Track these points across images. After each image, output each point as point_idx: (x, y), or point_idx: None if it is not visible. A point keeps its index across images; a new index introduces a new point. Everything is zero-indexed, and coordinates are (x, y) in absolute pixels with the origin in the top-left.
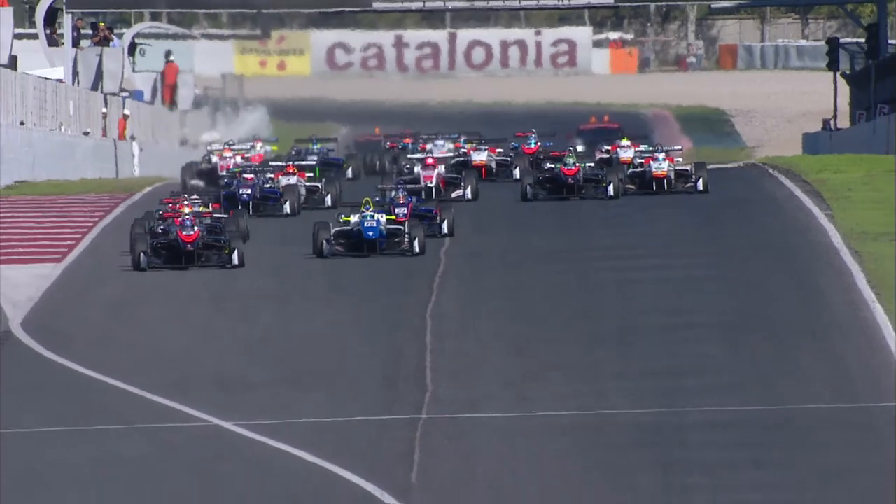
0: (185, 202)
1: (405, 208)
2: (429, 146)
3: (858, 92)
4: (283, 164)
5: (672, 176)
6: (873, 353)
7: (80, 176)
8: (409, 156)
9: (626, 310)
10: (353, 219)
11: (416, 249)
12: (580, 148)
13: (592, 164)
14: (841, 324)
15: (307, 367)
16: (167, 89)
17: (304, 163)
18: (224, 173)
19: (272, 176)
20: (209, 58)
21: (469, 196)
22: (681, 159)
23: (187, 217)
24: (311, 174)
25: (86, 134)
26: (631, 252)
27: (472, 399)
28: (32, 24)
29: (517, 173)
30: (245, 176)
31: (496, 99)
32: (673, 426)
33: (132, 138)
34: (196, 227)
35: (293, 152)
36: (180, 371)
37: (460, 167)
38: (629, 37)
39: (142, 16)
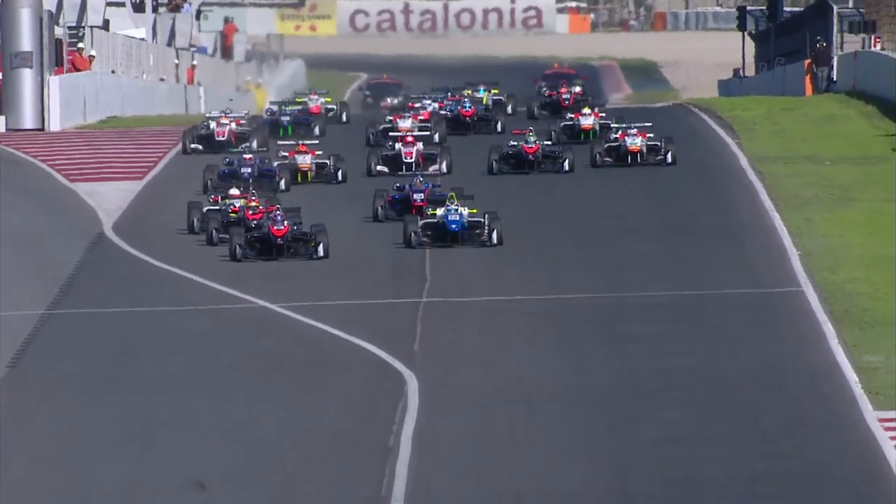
0: (251, 196)
1: (422, 193)
2: (417, 104)
3: (761, 48)
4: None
5: (644, 150)
6: (772, 250)
7: (158, 112)
8: (390, 133)
9: (581, 217)
10: (439, 212)
11: (495, 241)
12: (544, 90)
13: (551, 142)
14: (747, 227)
15: (336, 266)
16: (226, 46)
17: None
18: (221, 139)
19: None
20: (256, 22)
21: (444, 170)
22: (651, 135)
23: (278, 213)
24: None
25: (162, 80)
26: (583, 184)
27: (462, 286)
28: None
29: (499, 126)
30: (245, 156)
31: (479, 53)
32: (617, 307)
33: (198, 83)
34: (286, 222)
35: (267, 113)
36: (235, 267)
37: (452, 121)
38: (584, 5)
39: None
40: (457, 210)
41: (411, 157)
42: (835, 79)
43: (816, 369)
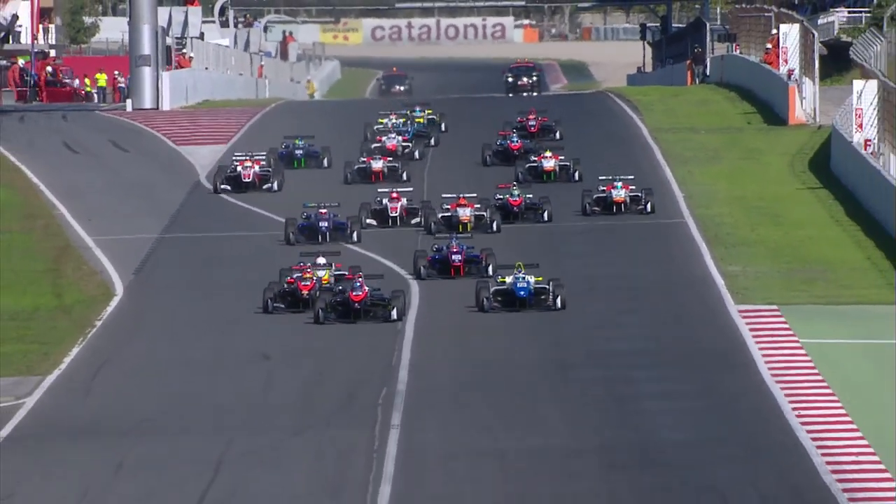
0: (309, 266)
1: (460, 255)
2: (384, 138)
3: (657, 52)
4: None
5: (628, 200)
6: (664, 193)
7: (237, 97)
8: (379, 190)
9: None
10: (508, 279)
11: (559, 305)
12: (510, 78)
13: (516, 182)
14: (648, 177)
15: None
16: (284, 50)
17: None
18: (247, 180)
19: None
20: (306, 33)
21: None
22: (633, 187)
23: (359, 279)
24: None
25: (240, 75)
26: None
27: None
28: (211, 13)
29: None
30: (321, 211)
31: (461, 56)
32: (560, 233)
33: (265, 77)
34: (365, 288)
35: (283, 147)
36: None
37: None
38: (534, 22)
39: (269, 11)
40: (524, 278)
41: (396, 212)
42: (708, 74)
43: (695, 276)
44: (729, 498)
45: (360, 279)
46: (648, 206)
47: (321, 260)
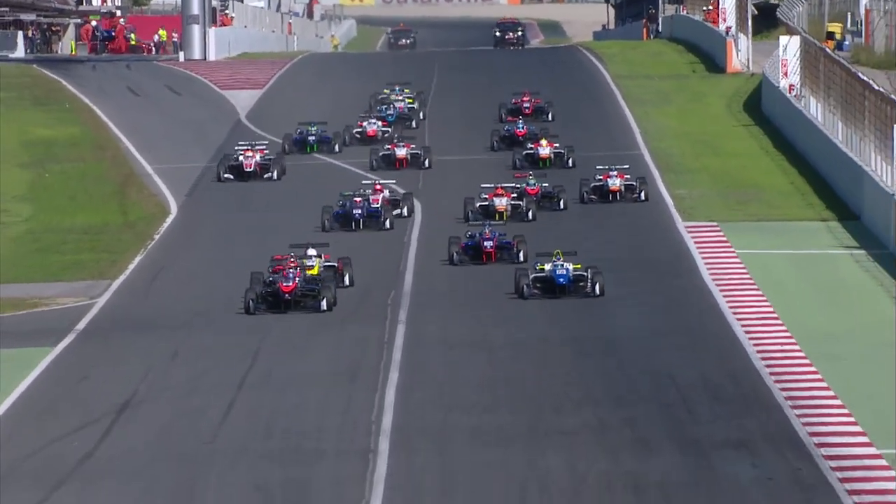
0: (292, 258)
1: (492, 241)
2: (364, 123)
3: (618, 12)
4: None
5: (623, 189)
6: (624, 129)
7: (271, 50)
8: (363, 181)
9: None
10: (547, 266)
11: (597, 292)
12: (497, 33)
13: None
14: (611, 116)
15: None
16: (310, 11)
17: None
18: (248, 170)
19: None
20: None
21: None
22: (628, 176)
23: (291, 269)
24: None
25: (273, 31)
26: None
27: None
28: None
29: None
30: (355, 199)
31: (457, 15)
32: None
33: (294, 34)
34: (296, 280)
35: (297, 133)
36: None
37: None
38: None
39: None
40: (563, 265)
41: (378, 203)
42: (660, 30)
43: (646, 211)
44: (677, 378)
45: (294, 270)
46: (643, 194)
47: (311, 251)
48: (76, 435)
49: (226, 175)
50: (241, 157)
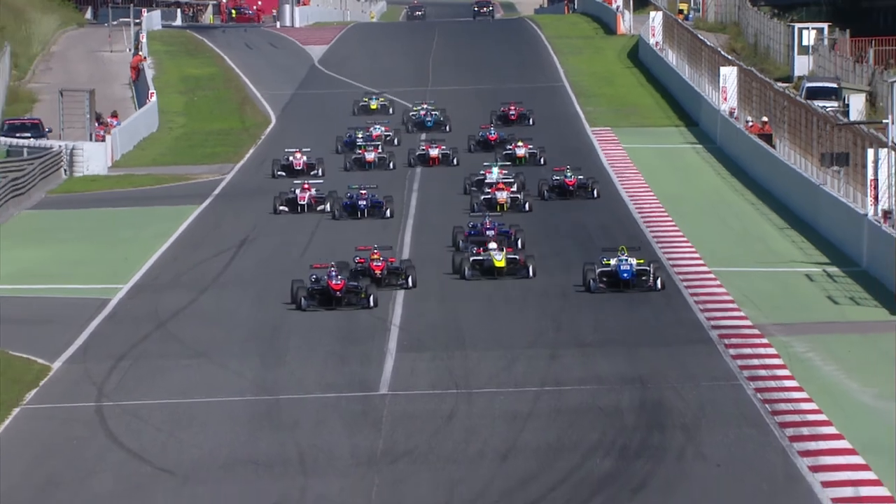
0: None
1: (493, 230)
2: (371, 129)
3: None
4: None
5: (576, 186)
6: (552, 70)
7: (333, 20)
8: (349, 185)
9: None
10: (612, 262)
11: (659, 286)
12: (475, 8)
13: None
14: (545, 64)
15: None
16: None
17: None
18: (298, 168)
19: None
20: None
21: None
22: (581, 177)
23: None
24: None
25: (335, 9)
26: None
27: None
28: None
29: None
30: (361, 191)
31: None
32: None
33: (346, 9)
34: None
35: (347, 136)
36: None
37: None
38: None
39: None
40: (627, 260)
41: (304, 201)
42: (575, 8)
43: (569, 113)
44: (587, 225)
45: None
46: (595, 191)
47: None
48: (214, 258)
49: (279, 173)
50: (290, 159)
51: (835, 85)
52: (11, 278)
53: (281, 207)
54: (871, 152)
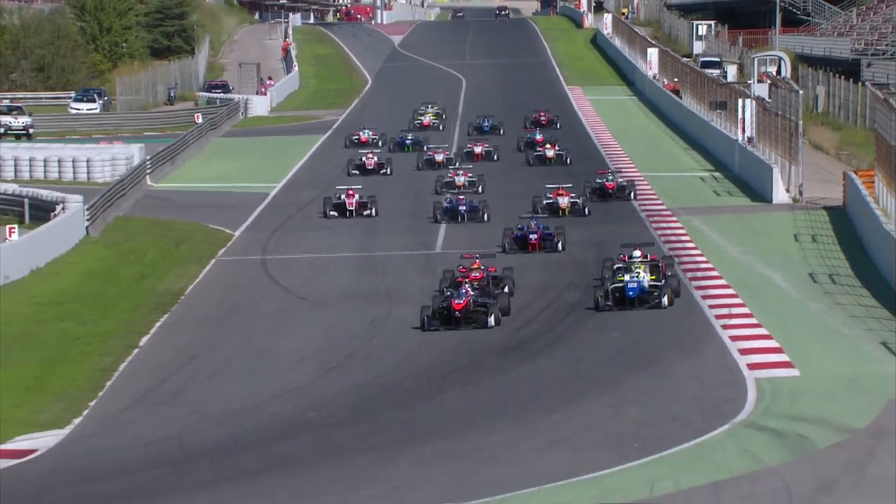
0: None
1: (536, 234)
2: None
3: (543, 3)
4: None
5: (616, 188)
6: (541, 50)
7: (407, 19)
8: (337, 186)
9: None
10: (626, 277)
11: (665, 303)
12: (497, 12)
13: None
14: (538, 48)
15: None
16: (423, 2)
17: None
18: (370, 167)
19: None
20: None
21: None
22: (621, 180)
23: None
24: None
25: (408, 11)
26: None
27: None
28: None
29: (632, 195)
30: (459, 197)
31: (484, 5)
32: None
33: (415, 14)
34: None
35: (399, 137)
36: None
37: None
38: None
39: None
40: (636, 277)
41: (352, 206)
42: (558, 11)
43: (553, 77)
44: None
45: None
46: (632, 194)
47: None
48: (332, 169)
49: (353, 171)
50: (363, 159)
51: (718, 59)
52: (210, 180)
53: (331, 213)
54: (740, 101)
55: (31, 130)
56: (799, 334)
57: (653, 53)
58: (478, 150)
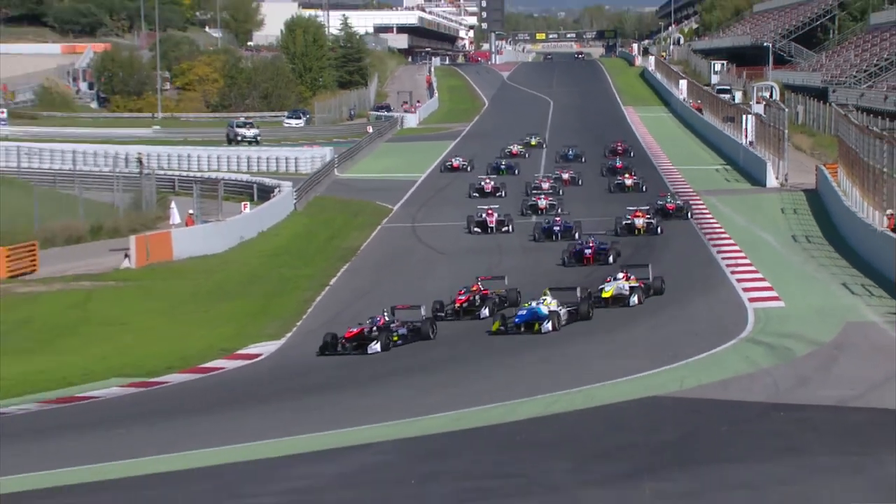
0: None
1: (590, 249)
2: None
3: (606, 50)
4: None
5: (675, 209)
6: (607, 82)
7: (512, 61)
8: (478, 206)
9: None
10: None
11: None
12: (576, 55)
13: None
14: (604, 79)
15: None
16: (523, 49)
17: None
18: (488, 191)
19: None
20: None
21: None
22: (679, 202)
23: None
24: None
25: (513, 55)
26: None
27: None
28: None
29: (689, 215)
30: (556, 218)
31: (565, 50)
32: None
33: (518, 56)
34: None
35: (495, 161)
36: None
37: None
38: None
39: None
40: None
41: (492, 223)
42: (617, 55)
43: (614, 100)
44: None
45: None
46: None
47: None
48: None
49: (473, 194)
50: (482, 184)
51: (728, 87)
52: (378, 171)
53: (475, 230)
54: (744, 116)
55: (258, 138)
56: (784, 278)
57: (683, 83)
58: (566, 175)
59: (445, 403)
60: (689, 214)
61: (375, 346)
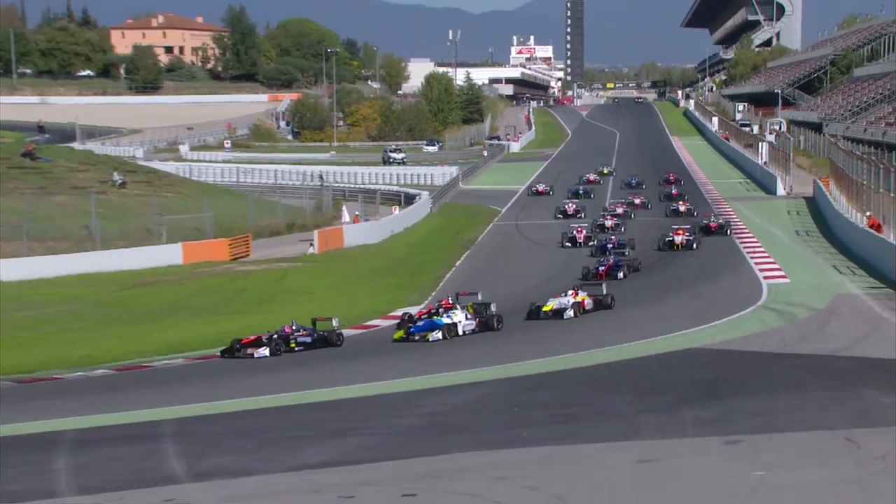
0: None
1: (605, 266)
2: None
3: (659, 94)
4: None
5: (717, 227)
6: (659, 120)
7: (589, 103)
8: (571, 224)
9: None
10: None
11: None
12: (636, 100)
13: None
14: (656, 117)
15: None
16: (597, 94)
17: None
18: (570, 213)
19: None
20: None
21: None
22: (721, 220)
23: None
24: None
25: (591, 99)
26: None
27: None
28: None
29: (728, 231)
30: (612, 237)
31: (626, 96)
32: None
33: (593, 99)
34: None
35: (574, 187)
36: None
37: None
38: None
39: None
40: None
41: (581, 237)
42: (666, 98)
43: (663, 132)
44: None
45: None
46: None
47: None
48: (554, 177)
49: (558, 216)
50: (565, 206)
51: (748, 122)
52: (490, 183)
53: (566, 244)
54: (760, 144)
55: (405, 160)
56: (789, 261)
57: (715, 119)
58: (637, 201)
59: (537, 352)
60: (728, 231)
61: (264, 352)
